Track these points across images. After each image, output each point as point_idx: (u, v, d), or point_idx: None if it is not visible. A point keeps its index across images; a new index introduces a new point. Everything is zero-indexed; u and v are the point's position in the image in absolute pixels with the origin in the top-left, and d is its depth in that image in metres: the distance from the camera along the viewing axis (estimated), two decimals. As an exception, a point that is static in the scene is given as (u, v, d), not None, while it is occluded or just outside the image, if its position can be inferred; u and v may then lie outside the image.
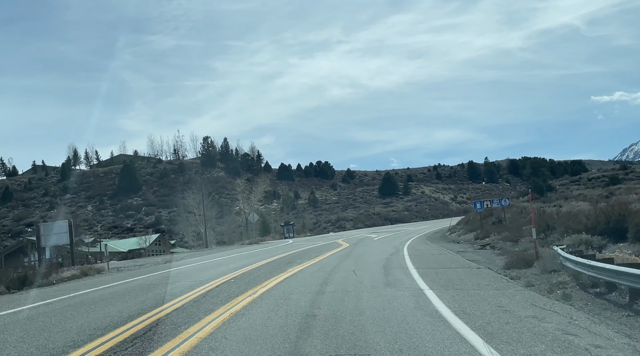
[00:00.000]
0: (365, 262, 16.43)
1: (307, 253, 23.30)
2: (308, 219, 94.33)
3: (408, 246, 25.23)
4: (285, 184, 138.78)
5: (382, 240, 33.80)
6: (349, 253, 22.40)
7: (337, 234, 60.37)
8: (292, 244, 35.86)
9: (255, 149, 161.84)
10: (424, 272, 12.59)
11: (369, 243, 31.26)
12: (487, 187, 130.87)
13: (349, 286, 10.67)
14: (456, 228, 35.07)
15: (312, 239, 43.61)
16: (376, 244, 29.35)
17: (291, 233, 63.46)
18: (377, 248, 25.48)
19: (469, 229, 29.68)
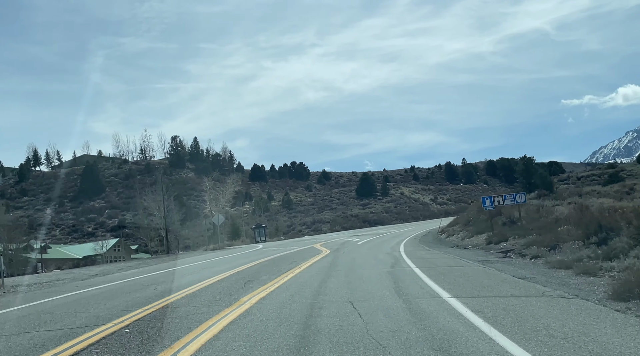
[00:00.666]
0: (362, 280, 11.12)
1: (278, 264, 17.87)
2: (282, 222, 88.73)
3: (406, 253, 20.05)
4: (258, 186, 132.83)
5: (368, 245, 28.58)
6: (332, 263, 17.05)
7: (313, 237, 55.07)
8: (261, 250, 30.37)
9: (227, 150, 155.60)
10: (473, 304, 7.31)
11: (353, 248, 25.98)
12: (467, 188, 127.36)
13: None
14: (453, 230, 30.10)
15: (285, 244, 38.17)
16: (363, 250, 24.08)
17: (263, 237, 57.86)
18: (367, 255, 20.20)
19: (475, 231, 24.65)
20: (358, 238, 38.09)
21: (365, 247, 26.68)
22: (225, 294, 10.05)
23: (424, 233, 42.19)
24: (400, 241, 30.67)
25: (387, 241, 32.74)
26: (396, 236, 37.90)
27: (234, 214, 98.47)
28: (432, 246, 24.02)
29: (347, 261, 17.32)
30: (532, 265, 12.99)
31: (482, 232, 23.64)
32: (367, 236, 41.53)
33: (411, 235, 38.36)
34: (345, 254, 21.68)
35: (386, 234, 42.20)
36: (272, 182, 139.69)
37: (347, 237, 41.68)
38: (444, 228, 41.04)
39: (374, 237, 38.72)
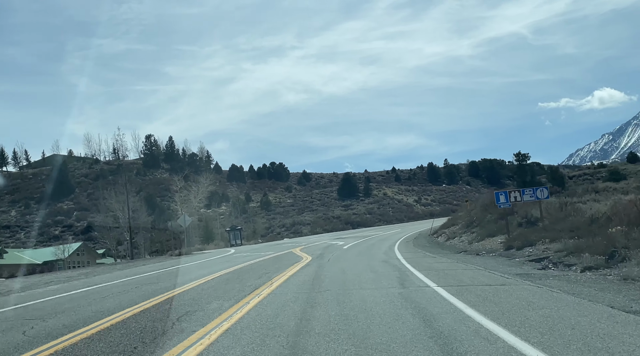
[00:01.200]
0: (368, 314, 6.94)
1: (243, 279, 13.59)
2: (260, 224, 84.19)
3: (408, 261, 16.00)
4: (235, 187, 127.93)
5: (356, 250, 24.47)
6: (315, 276, 12.84)
7: (292, 240, 50.80)
8: (231, 257, 26.02)
9: (204, 150, 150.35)
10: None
11: (339, 254, 21.83)
12: (450, 189, 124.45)
13: None
14: (454, 232, 26.16)
15: (261, 248, 33.87)
16: (352, 256, 19.94)
17: (238, 240, 53.38)
18: (360, 264, 16.05)
19: (484, 233, 20.69)
20: (342, 242, 33.98)
21: (353, 252, 22.55)
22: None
23: (414, 235, 38.36)
24: (392, 245, 26.63)
25: (376, 244, 28.69)
26: (385, 239, 33.91)
27: (210, 215, 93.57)
28: (434, 252, 19.99)
29: (335, 274, 13.13)
30: (603, 281, 9.00)
31: (494, 234, 19.70)
32: (352, 239, 37.48)
33: (401, 238, 34.45)
34: (331, 262, 17.49)
35: (373, 237, 38.20)
36: (251, 183, 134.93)
37: (330, 240, 37.57)
38: (437, 229, 37.22)
39: (360, 240, 34.66)
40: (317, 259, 19.42)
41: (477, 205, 27.49)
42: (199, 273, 16.29)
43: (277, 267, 16.44)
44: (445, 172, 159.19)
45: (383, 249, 23.92)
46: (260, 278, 13.19)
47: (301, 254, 23.03)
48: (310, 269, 14.92)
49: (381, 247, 25.75)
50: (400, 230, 49.63)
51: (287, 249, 29.27)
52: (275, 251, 27.85)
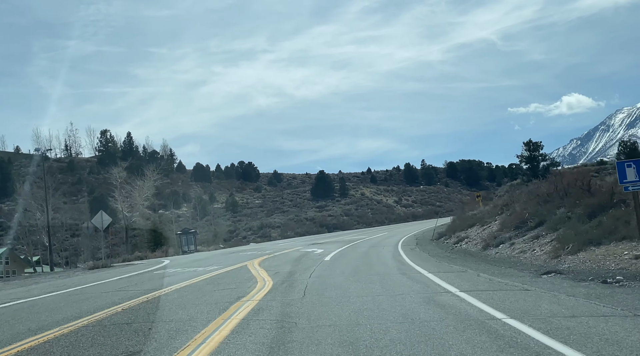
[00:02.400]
0: None
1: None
2: (223, 227, 74.74)
3: (490, 303, 7.24)
4: (200, 187, 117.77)
5: (345, 263, 15.75)
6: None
7: (258, 246, 41.81)
8: (144, 277, 16.96)
9: (167, 148, 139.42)
10: None
11: (321, 272, 13.10)
12: (431, 189, 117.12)
13: None
14: (491, 237, 17.65)
15: (211, 258, 24.80)
16: (344, 278, 11.24)
17: (192, 246, 44.05)
18: (372, 303, 7.27)
19: (576, 239, 12.10)
20: (321, 249, 25.29)
21: (342, 267, 13.83)
22: None
23: (411, 239, 30.19)
24: (395, 254, 18.16)
25: (369, 253, 20.15)
26: (376, 245, 25.38)
27: (168, 217, 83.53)
28: (495, 272, 11.38)
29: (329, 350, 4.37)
30: None
31: (599, 240, 11.19)
32: (333, 244, 28.85)
33: (398, 243, 26.06)
34: (312, 295, 8.86)
35: (359, 242, 29.65)
36: (218, 183, 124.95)
37: (305, 246, 28.83)
38: (443, 232, 28.93)
39: (343, 246, 26.02)
40: (284, 286, 10.66)
41: (525, 196, 19.04)
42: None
43: (190, 316, 7.58)
44: (423, 173, 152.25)
45: (389, 262, 15.34)
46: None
47: (259, 272, 14.21)
48: (262, 331, 6.15)
49: (382, 258, 17.14)
50: (388, 233, 41.24)
51: (244, 260, 20.40)
52: (225, 264, 18.91)
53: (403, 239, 30.52)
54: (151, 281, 13.69)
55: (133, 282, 14.10)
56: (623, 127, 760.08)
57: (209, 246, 56.22)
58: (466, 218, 27.07)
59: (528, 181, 41.80)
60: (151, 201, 54.21)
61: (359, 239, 33.40)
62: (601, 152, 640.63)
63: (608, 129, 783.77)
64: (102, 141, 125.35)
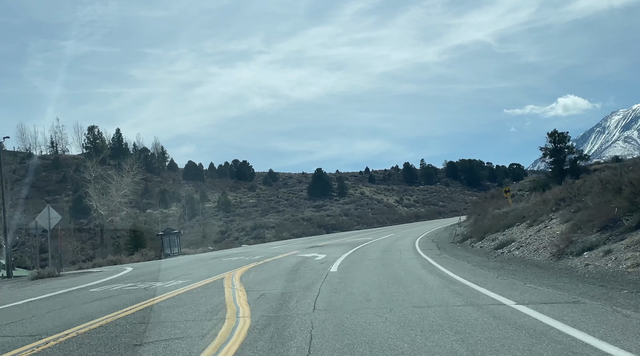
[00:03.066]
0: None
1: None
2: (214, 227, 69.91)
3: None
4: (192, 186, 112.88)
5: (362, 275, 10.96)
6: None
7: (250, 248, 37.03)
8: (55, 303, 12.23)
9: (158, 145, 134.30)
10: None
11: (332, 296, 8.33)
12: (433, 189, 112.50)
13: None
14: (566, 238, 12.95)
15: (184, 266, 20.04)
16: (377, 315, 6.45)
17: (176, 248, 39.27)
18: None
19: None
20: (322, 254, 20.59)
21: (365, 290, 9.04)
22: None
23: (423, 240, 25.60)
24: (424, 262, 13.51)
25: (387, 261, 15.51)
26: (391, 249, 20.70)
27: (155, 217, 78.54)
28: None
29: None
30: None
31: None
32: (335, 248, 24.14)
33: (413, 245, 21.42)
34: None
35: (365, 245, 24.94)
36: (211, 182, 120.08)
37: (302, 250, 24.12)
38: (463, 233, 24.38)
39: (349, 250, 21.30)
40: (269, 332, 5.89)
41: (598, 187, 14.29)
42: None
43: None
44: (422, 173, 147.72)
45: (423, 275, 10.62)
46: None
47: (236, 294, 9.44)
48: None
49: (409, 268, 12.40)
50: (395, 235, 36.57)
51: (224, 269, 15.67)
52: (195, 278, 14.14)
53: (417, 241, 25.86)
54: (40, 319, 8.81)
55: (17, 316, 9.24)
56: (619, 129, 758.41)
57: (197, 248, 51.58)
58: (498, 217, 22.38)
59: (555, 177, 37.19)
60: (131, 199, 49.30)
61: (364, 242, 28.67)
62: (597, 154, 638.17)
63: (604, 131, 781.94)
64: (90, 138, 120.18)
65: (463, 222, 49.07)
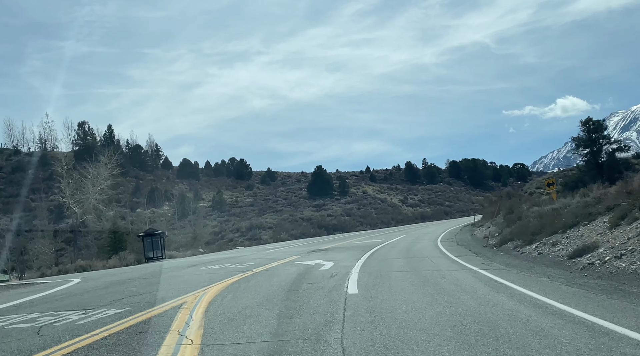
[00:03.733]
0: None
1: None
2: (208, 227, 65.31)
3: None
4: (186, 184, 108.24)
5: (406, 304, 6.37)
6: None
7: (242, 252, 32.37)
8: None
9: (153, 143, 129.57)
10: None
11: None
12: (439, 188, 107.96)
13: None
14: None
15: (148, 279, 15.41)
16: None
17: (158, 251, 34.65)
18: None
19: None
20: (328, 261, 16.05)
21: (428, 347, 4.51)
22: None
23: (445, 241, 21.13)
24: (482, 277, 8.86)
25: (422, 271, 10.95)
26: (413, 253, 16.19)
27: (145, 216, 73.89)
28: None
29: None
30: None
31: None
32: (342, 252, 19.59)
33: (437, 249, 16.90)
34: None
35: (378, 248, 20.39)
36: (207, 181, 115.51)
37: (302, 255, 19.58)
38: (492, 233, 20.00)
39: (362, 256, 16.76)
40: None
41: None
42: None
43: None
44: (425, 172, 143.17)
45: (531, 317, 6.04)
46: None
47: (183, 347, 4.81)
48: None
49: (484, 295, 7.82)
50: (407, 236, 32.03)
51: (195, 286, 11.15)
52: (139, 305, 9.54)
53: (439, 243, 21.40)
54: None
55: None
56: (618, 130, 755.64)
57: (187, 250, 47.07)
58: (547, 215, 17.81)
59: (590, 171, 32.69)
60: (114, 197, 44.58)
61: (375, 245, 24.12)
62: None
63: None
64: (80, 134, 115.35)
65: (478, 222, 44.68)
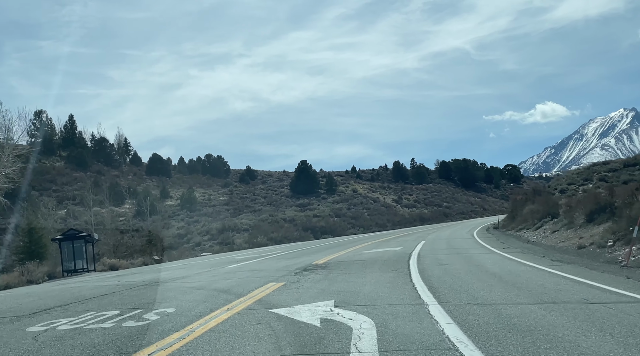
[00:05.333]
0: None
1: None
2: (174, 229, 55.28)
3: None
4: (156, 181, 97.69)
5: None
6: None
7: (191, 270, 22.73)
8: None
9: (122, 136, 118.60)
10: None
11: None
12: (435, 188, 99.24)
13: None
14: None
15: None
16: None
17: (82, 261, 24.80)
18: None
19: None
20: (352, 311, 6.62)
21: None
22: None
23: (489, 246, 11.65)
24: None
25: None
26: (520, 285, 6.90)
27: (103, 216, 63.41)
28: None
29: None
30: None
31: None
32: (360, 271, 10.35)
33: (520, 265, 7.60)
34: None
35: (419, 260, 11.15)
36: (179, 178, 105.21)
37: (287, 278, 10.35)
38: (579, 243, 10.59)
39: (415, 279, 7.41)
40: None
41: None
42: None
43: None
44: (414, 173, 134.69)
45: None
46: None
47: None
48: None
49: None
50: (428, 241, 22.80)
51: None
52: None
53: (502, 255, 12.15)
54: None
55: None
56: (596, 136, 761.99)
57: (137, 258, 37.40)
58: None
59: None
60: (18, 184, 34.39)
61: (398, 256, 14.86)
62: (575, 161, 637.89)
63: (581, 138, 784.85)
64: (36, 125, 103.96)
65: (501, 221, 38.00)
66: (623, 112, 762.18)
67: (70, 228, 31.33)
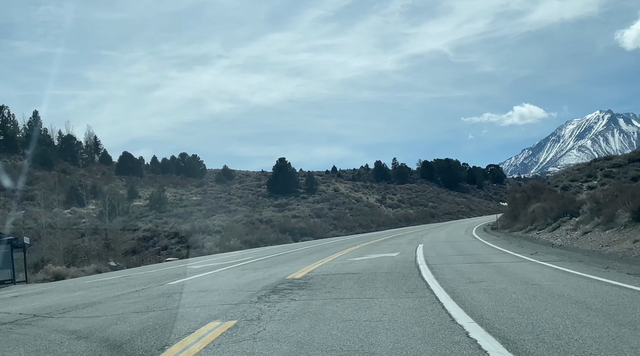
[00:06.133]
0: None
1: None
2: (138, 232, 50.46)
3: None
4: (126, 181, 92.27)
5: None
6: None
7: (136, 282, 18.50)
8: None
9: (91, 135, 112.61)
10: None
11: None
12: (417, 188, 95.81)
13: None
14: None
15: None
16: None
17: (9, 270, 20.24)
18: None
19: None
20: None
21: None
22: None
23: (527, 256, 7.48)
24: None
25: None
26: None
27: (65, 216, 58.14)
28: None
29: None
30: None
31: None
32: (358, 302, 6.35)
33: None
34: None
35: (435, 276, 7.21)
36: (151, 177, 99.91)
37: (242, 306, 6.27)
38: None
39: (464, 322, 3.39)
40: None
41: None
42: None
43: None
44: (395, 173, 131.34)
45: None
46: None
47: None
48: None
49: None
50: (426, 245, 18.87)
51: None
52: None
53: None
54: None
55: None
56: (573, 138, 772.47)
57: (91, 264, 33.04)
58: None
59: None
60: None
61: (381, 258, 10.85)
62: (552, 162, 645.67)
63: (559, 139, 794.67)
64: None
65: (499, 221, 34.74)
66: (599, 114, 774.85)
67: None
